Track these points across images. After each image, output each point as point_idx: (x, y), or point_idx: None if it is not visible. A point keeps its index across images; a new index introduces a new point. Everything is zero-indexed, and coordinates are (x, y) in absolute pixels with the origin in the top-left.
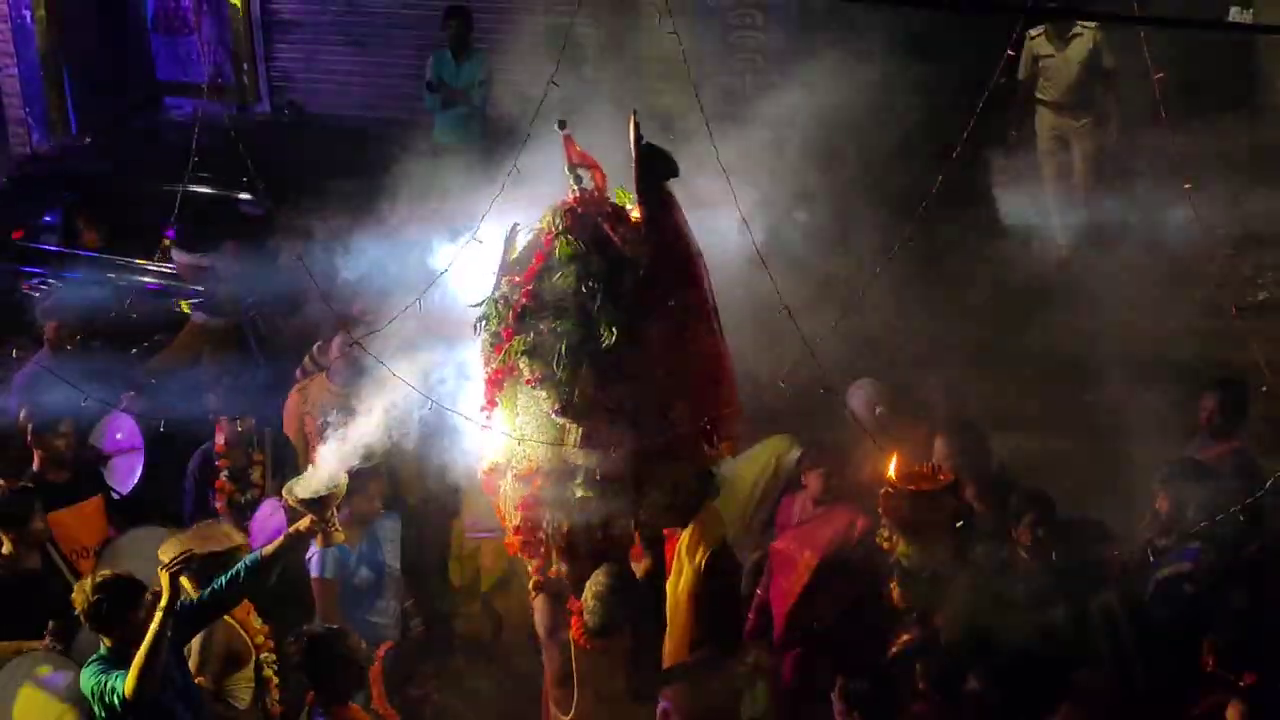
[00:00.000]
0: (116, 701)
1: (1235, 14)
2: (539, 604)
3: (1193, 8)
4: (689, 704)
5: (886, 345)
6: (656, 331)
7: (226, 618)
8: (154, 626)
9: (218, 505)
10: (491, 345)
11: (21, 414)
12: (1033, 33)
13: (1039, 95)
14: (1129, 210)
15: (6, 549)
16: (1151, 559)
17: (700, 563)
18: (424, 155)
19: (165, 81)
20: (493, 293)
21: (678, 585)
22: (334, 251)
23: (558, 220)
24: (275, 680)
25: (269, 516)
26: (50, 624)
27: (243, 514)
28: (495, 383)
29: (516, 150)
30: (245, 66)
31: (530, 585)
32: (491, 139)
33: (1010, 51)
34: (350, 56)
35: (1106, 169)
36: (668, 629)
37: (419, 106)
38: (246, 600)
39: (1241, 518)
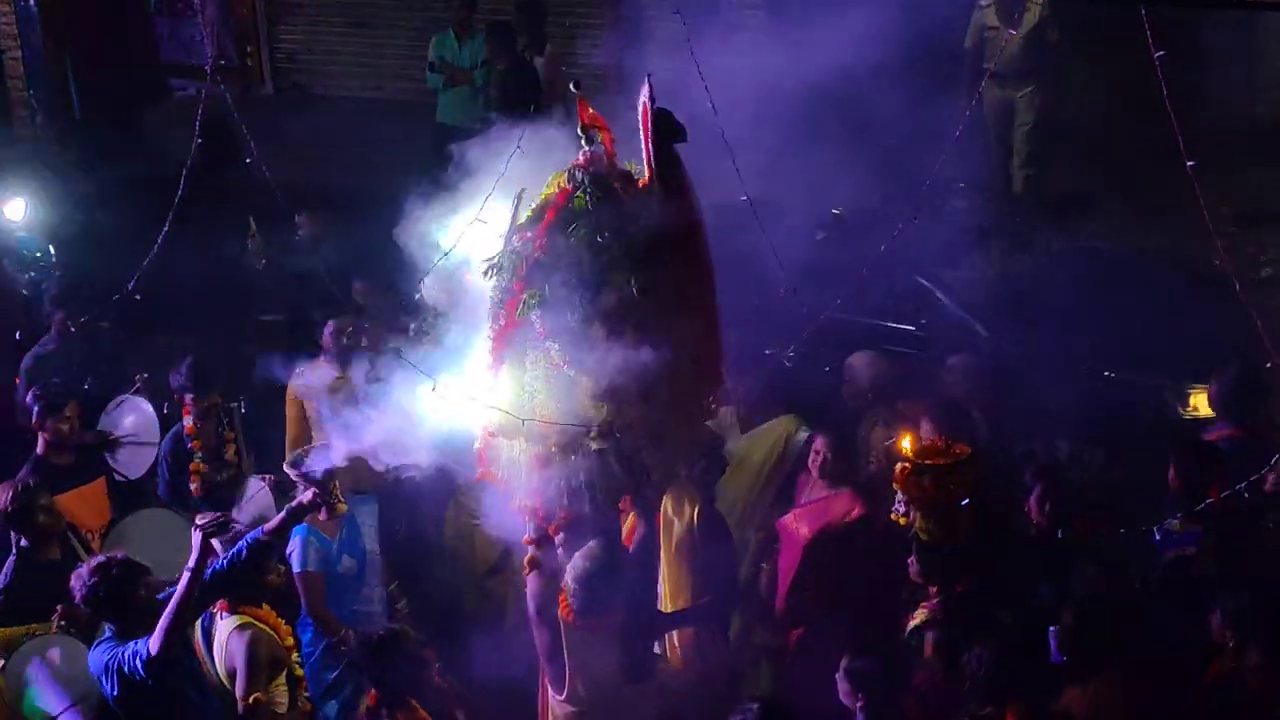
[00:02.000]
0: (140, 665)
1: None
2: (531, 581)
3: None
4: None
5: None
6: (664, 288)
7: (263, 625)
8: (182, 587)
9: (193, 488)
10: (502, 301)
11: (27, 397)
12: (983, 2)
13: (985, 65)
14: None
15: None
16: (1157, 538)
17: (691, 516)
18: (427, 135)
19: (169, 63)
20: (504, 248)
21: (670, 545)
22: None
23: (573, 176)
24: (302, 678)
25: (258, 495)
26: (59, 608)
27: (220, 494)
28: (502, 338)
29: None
30: (249, 48)
31: (525, 561)
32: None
33: None
34: (354, 37)
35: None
36: (667, 590)
37: (423, 87)
38: (267, 605)
39: (1246, 496)
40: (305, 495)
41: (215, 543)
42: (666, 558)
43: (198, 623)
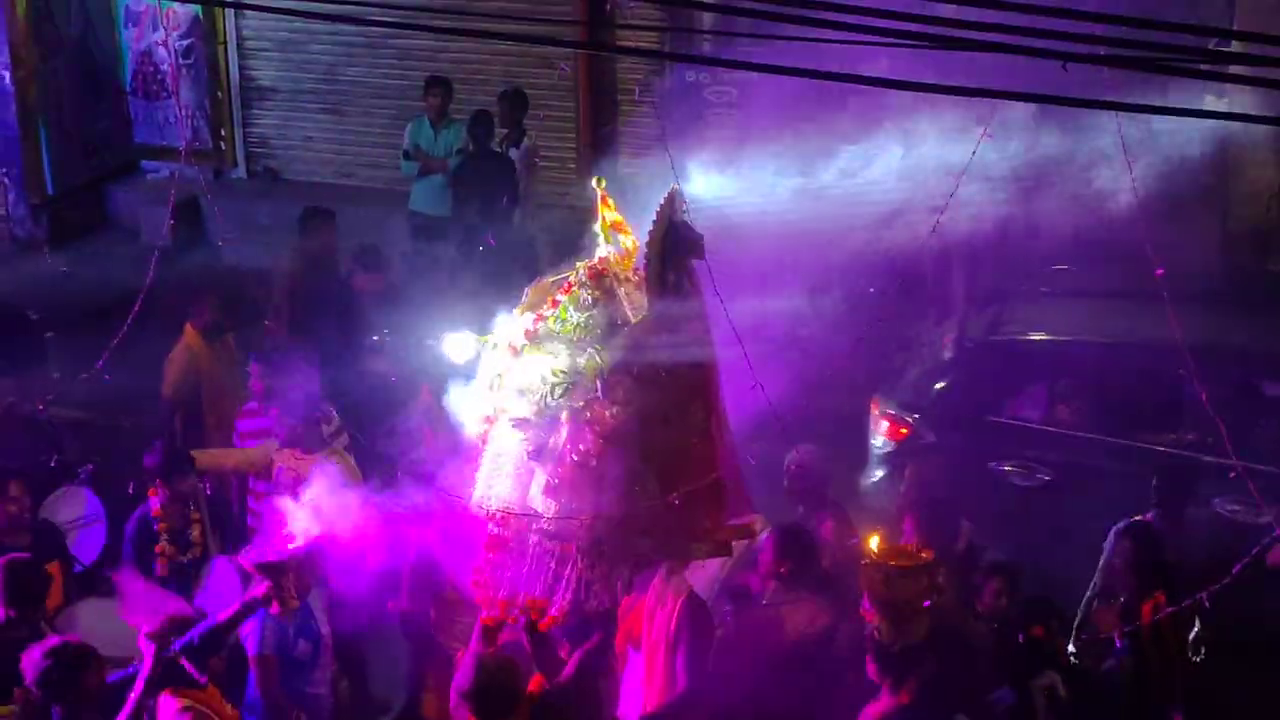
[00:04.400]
0: None
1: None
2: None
3: None
4: None
5: None
6: (644, 399)
7: (206, 709)
8: (135, 695)
9: (159, 569)
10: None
11: None
12: None
13: None
14: None
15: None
16: (1119, 645)
17: (674, 606)
18: (399, 224)
19: (142, 145)
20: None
21: (651, 632)
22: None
23: (580, 272)
24: None
25: (221, 576)
26: (16, 690)
27: (185, 575)
28: (490, 420)
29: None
30: (223, 131)
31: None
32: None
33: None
34: (328, 123)
35: None
36: (646, 676)
37: (396, 175)
38: (213, 686)
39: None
40: (259, 588)
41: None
42: (649, 647)
43: None
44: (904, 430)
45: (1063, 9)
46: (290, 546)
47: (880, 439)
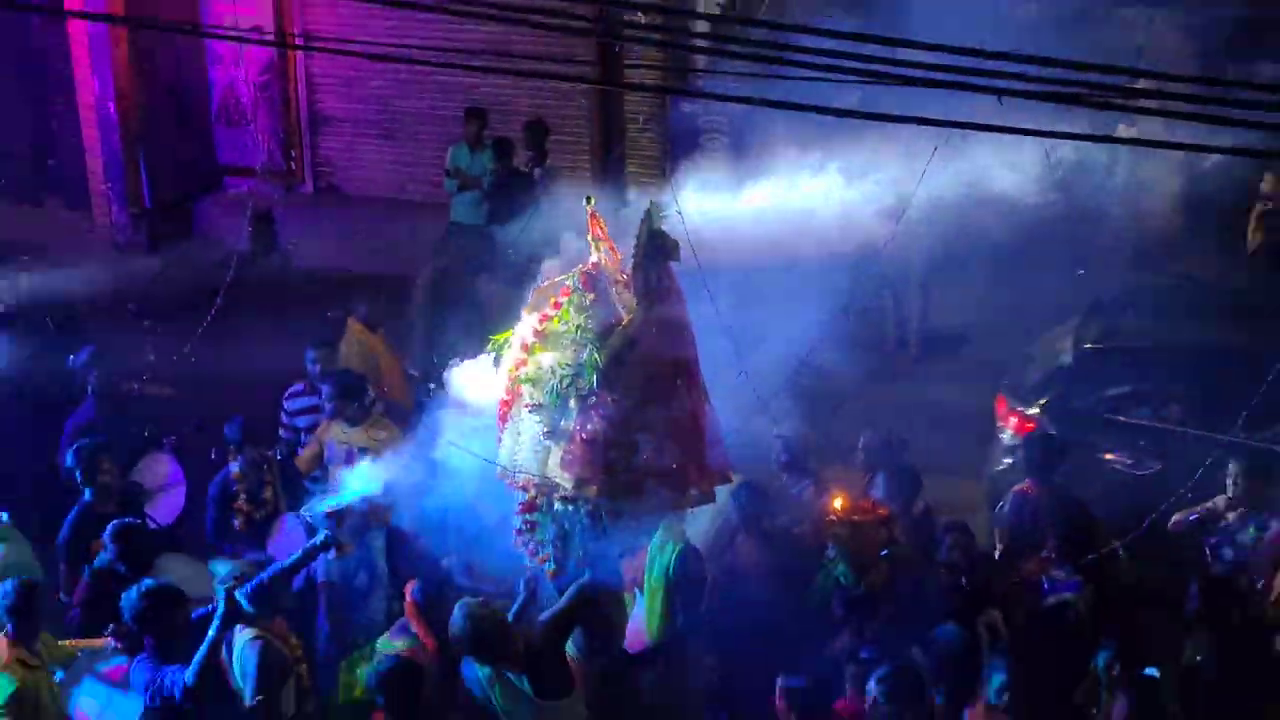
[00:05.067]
0: (178, 692)
1: None
2: None
3: None
4: None
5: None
6: (637, 383)
7: (274, 640)
8: (212, 632)
9: (237, 523)
10: (505, 374)
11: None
12: None
13: None
14: None
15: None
16: (1045, 586)
17: (670, 558)
18: (441, 231)
19: (225, 164)
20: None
21: (651, 576)
22: None
23: (575, 278)
24: (307, 685)
25: (290, 530)
26: (112, 625)
27: (259, 530)
28: (506, 404)
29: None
30: (293, 153)
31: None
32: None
33: None
34: (382, 147)
35: None
36: (647, 610)
37: (440, 189)
38: (280, 619)
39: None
40: (318, 538)
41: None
42: (649, 588)
43: None
44: (1029, 425)
45: (1000, 52)
46: (345, 500)
47: (1008, 433)
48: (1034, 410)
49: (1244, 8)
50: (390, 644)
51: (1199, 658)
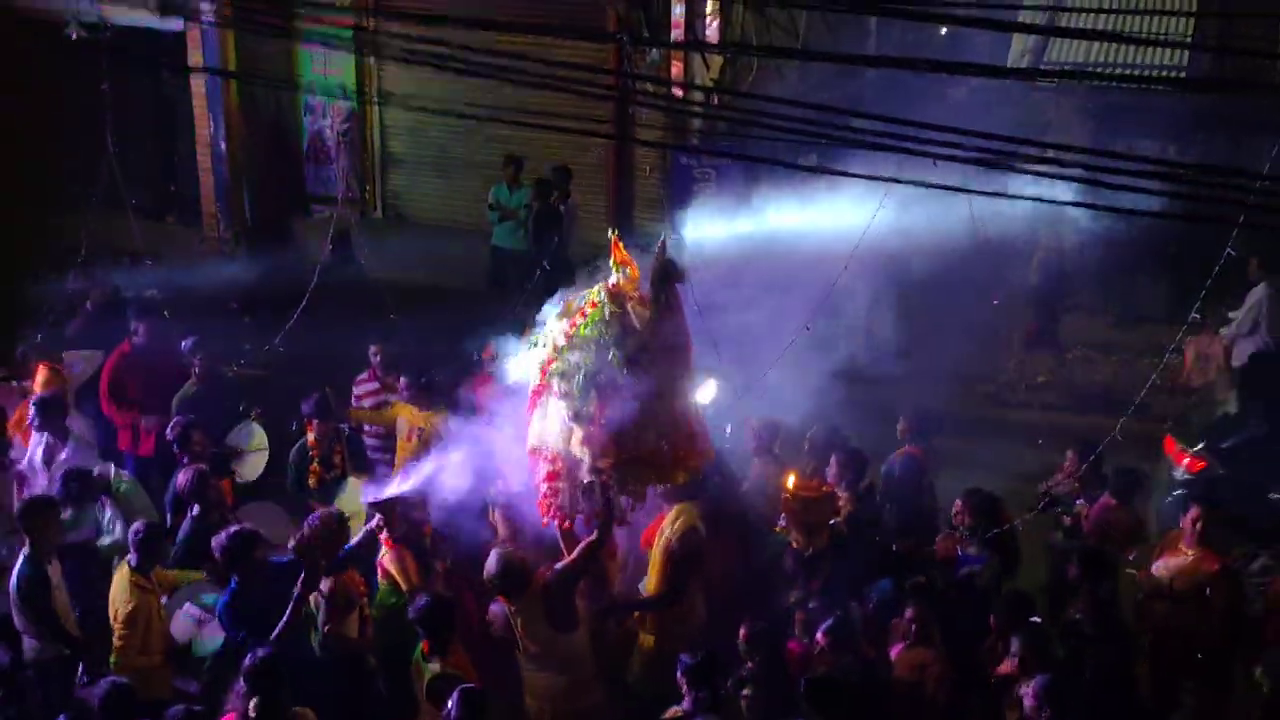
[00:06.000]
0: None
1: None
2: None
3: None
4: None
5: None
6: (646, 380)
7: (344, 581)
8: (300, 587)
9: (311, 482)
10: (539, 367)
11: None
12: None
13: None
14: None
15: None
16: (960, 556)
17: (673, 534)
18: (485, 253)
19: (312, 194)
20: (546, 330)
21: (657, 546)
22: None
23: (600, 293)
24: (370, 615)
25: (354, 489)
26: (206, 562)
27: (329, 489)
28: (538, 393)
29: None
30: (368, 186)
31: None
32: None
33: None
34: (440, 183)
35: None
36: (649, 573)
37: (484, 219)
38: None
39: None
40: (373, 522)
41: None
42: (655, 554)
43: None
44: (1200, 464)
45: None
46: (392, 490)
47: (1180, 471)
48: (1199, 449)
49: (1128, 96)
50: None
51: (1077, 615)
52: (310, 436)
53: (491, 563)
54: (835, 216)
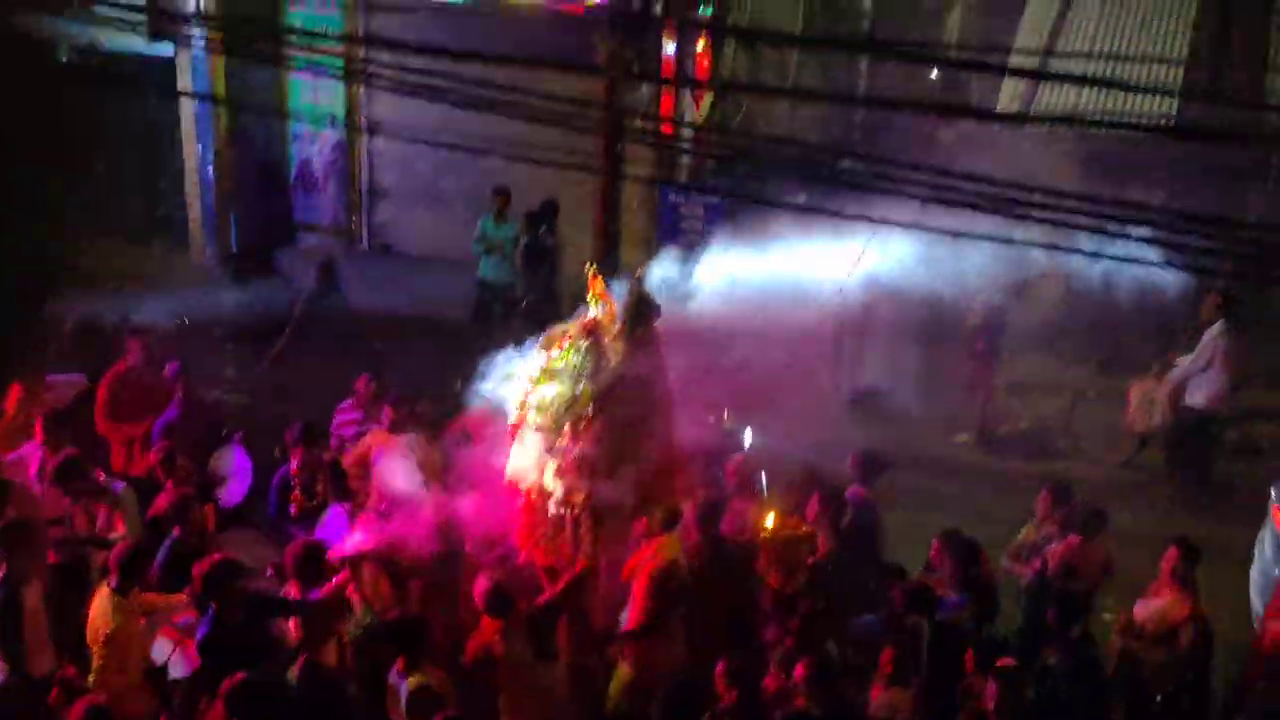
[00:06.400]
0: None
1: None
2: None
3: None
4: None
5: None
6: (620, 415)
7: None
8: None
9: (292, 510)
10: (517, 402)
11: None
12: None
13: None
14: None
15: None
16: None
17: (655, 566)
18: (470, 285)
19: (299, 221)
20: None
21: (637, 577)
22: None
23: (575, 328)
24: (349, 642)
25: (338, 520)
26: (188, 588)
27: (309, 518)
28: (515, 426)
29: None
30: (354, 217)
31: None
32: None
33: None
34: (425, 215)
35: None
36: (631, 599)
37: (469, 251)
38: None
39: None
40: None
41: None
42: (636, 586)
43: None
44: None
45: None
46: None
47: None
48: None
49: (1115, 142)
50: None
51: (1051, 660)
52: (293, 464)
53: (481, 585)
54: (820, 256)
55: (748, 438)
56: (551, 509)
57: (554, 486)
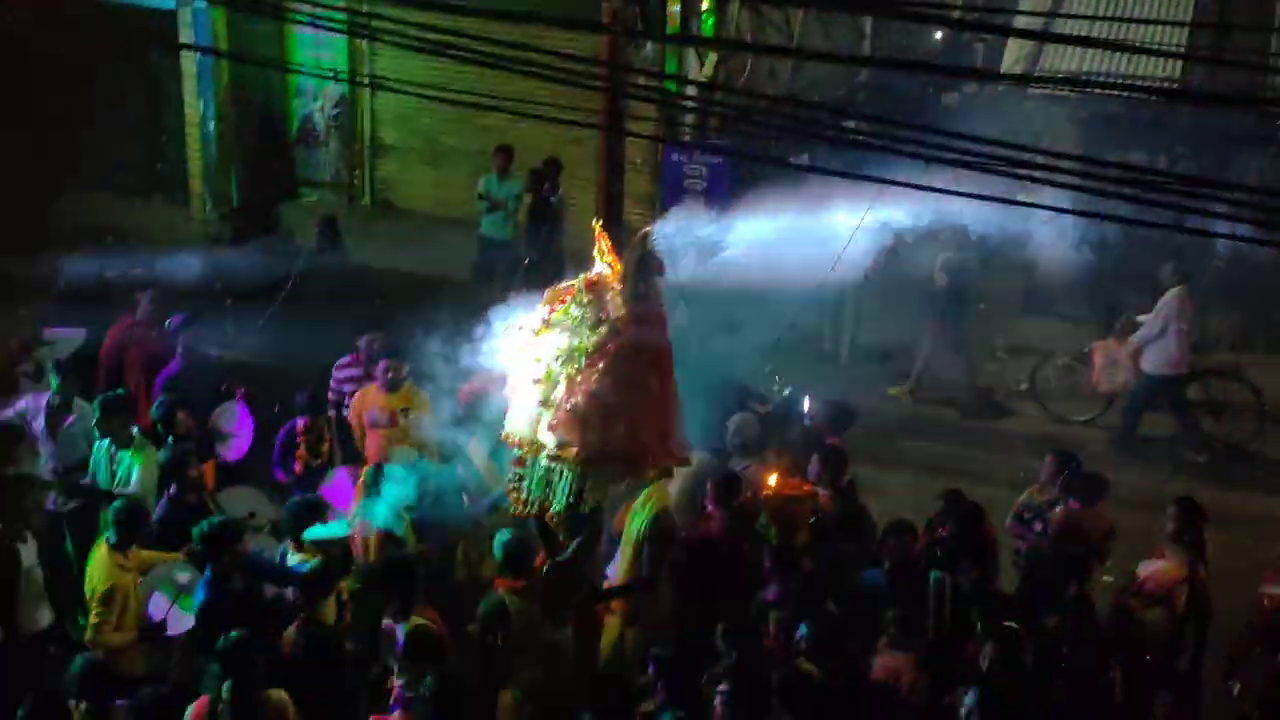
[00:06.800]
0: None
1: None
2: None
3: None
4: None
5: None
6: (616, 370)
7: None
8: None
9: (296, 467)
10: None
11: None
12: None
13: None
14: None
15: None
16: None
17: (645, 518)
18: (472, 241)
19: (301, 177)
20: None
21: (629, 528)
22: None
23: (580, 283)
24: (348, 599)
25: (341, 479)
26: (188, 546)
27: (314, 476)
28: (515, 378)
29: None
30: (356, 172)
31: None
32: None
33: None
34: (428, 171)
35: None
36: (620, 556)
37: (472, 209)
38: None
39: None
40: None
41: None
42: (625, 538)
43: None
44: None
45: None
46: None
47: None
48: None
49: (1118, 105)
50: None
51: (1051, 623)
52: (300, 422)
53: (496, 545)
54: (823, 218)
55: (806, 402)
56: (544, 461)
57: (546, 439)
